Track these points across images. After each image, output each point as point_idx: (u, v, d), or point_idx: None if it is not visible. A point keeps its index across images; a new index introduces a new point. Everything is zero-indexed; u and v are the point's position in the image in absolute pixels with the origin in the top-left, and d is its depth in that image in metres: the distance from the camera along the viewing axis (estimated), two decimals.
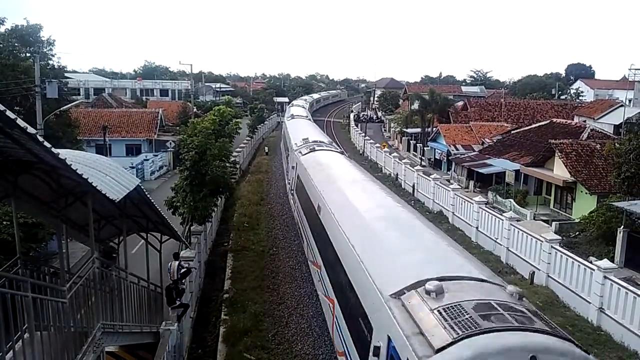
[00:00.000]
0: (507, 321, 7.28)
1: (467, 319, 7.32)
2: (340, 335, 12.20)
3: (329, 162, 23.34)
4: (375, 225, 12.88)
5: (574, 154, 31.33)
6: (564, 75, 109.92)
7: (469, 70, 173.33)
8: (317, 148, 27.13)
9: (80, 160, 8.77)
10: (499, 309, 7.57)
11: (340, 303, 12.49)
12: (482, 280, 8.92)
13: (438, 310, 7.64)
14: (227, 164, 24.89)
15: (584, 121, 47.75)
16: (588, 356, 7.26)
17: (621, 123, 46.32)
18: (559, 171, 31.63)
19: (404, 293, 8.54)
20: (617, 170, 25.74)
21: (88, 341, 8.54)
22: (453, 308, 7.62)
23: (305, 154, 26.10)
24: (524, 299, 8.28)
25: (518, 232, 22.71)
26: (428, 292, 8.10)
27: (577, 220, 27.83)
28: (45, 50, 38.84)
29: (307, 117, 59.67)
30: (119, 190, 9.01)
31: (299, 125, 43.23)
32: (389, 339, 8.12)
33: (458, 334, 7.01)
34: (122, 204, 10.60)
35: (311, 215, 18.94)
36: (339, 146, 37.00)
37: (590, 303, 17.43)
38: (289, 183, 29.62)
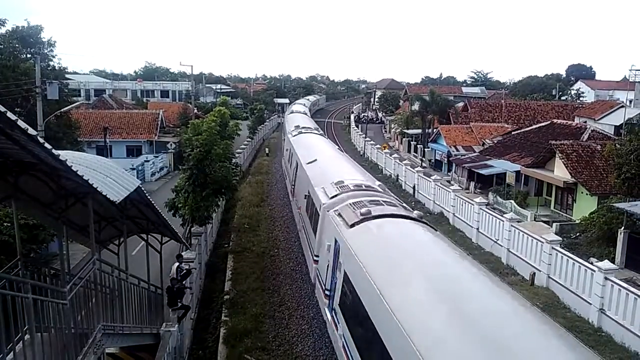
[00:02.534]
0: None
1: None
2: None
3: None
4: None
5: (574, 155, 31.31)
6: (564, 76, 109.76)
7: (470, 71, 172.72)
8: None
9: (80, 161, 8.77)
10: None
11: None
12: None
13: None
14: (230, 165, 24.86)
15: (585, 122, 47.73)
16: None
17: (622, 124, 46.29)
18: (560, 172, 31.61)
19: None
20: (617, 171, 25.72)
21: (88, 342, 8.54)
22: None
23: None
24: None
25: (519, 233, 22.69)
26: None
27: (577, 221, 27.80)
28: (45, 51, 38.87)
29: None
30: (120, 191, 9.02)
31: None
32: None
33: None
34: (123, 206, 10.61)
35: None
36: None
37: (590, 304, 17.41)
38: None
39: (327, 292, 13.91)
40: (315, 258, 16.49)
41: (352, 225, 12.79)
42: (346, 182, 16.96)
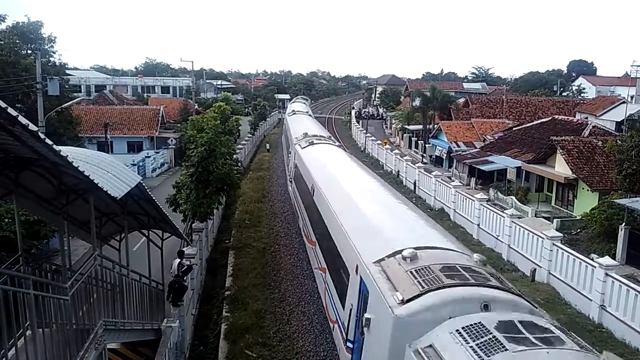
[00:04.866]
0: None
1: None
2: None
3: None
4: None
5: (575, 151, 31.27)
6: (565, 71, 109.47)
7: (471, 67, 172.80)
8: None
9: (81, 157, 8.76)
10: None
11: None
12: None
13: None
14: (232, 162, 24.85)
15: (586, 118, 47.65)
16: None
17: (623, 120, 46.22)
18: (561, 168, 31.58)
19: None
20: (618, 167, 25.68)
21: (90, 338, 8.55)
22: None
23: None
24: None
25: (519, 229, 22.69)
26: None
27: (578, 218, 27.80)
28: (46, 47, 38.86)
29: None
30: (121, 187, 9.02)
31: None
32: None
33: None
34: (124, 201, 10.61)
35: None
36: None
37: (591, 300, 17.42)
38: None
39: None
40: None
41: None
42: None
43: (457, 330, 7.23)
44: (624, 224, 22.40)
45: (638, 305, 15.41)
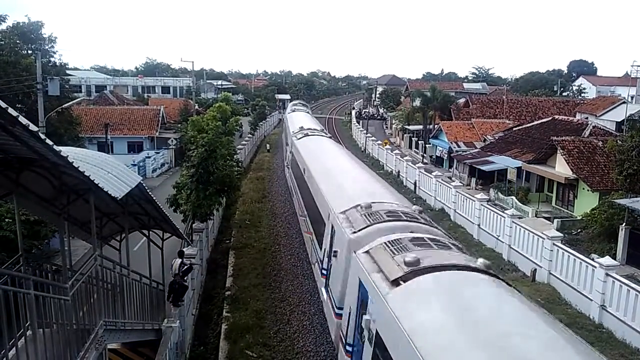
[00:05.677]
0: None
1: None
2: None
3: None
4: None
5: (576, 151, 31.26)
6: (566, 72, 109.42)
7: (471, 67, 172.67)
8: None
9: (82, 157, 8.77)
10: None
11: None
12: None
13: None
14: (233, 162, 24.83)
15: (586, 118, 47.63)
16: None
17: (623, 120, 46.19)
18: (561, 168, 31.57)
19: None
20: (619, 167, 25.67)
21: (90, 338, 8.56)
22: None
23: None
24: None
25: (520, 229, 22.68)
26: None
27: (579, 218, 27.78)
28: (46, 47, 38.85)
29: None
30: (121, 187, 9.02)
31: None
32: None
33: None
34: (124, 202, 10.61)
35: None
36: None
37: (592, 300, 17.41)
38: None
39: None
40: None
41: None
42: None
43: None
44: (624, 224, 22.39)
45: (638, 306, 15.40)
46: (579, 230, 26.75)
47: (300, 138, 31.39)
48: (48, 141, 5.99)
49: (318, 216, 17.04)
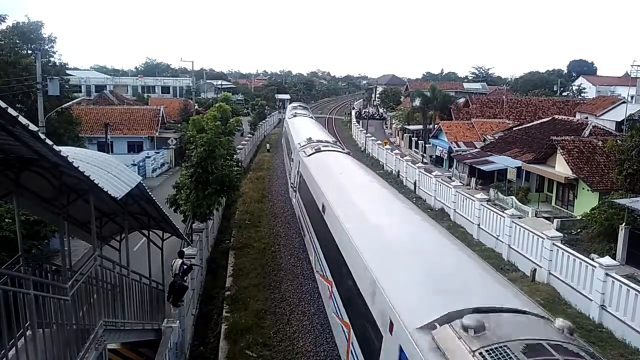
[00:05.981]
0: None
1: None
2: None
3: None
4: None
5: (575, 151, 31.26)
6: (565, 71, 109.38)
7: (471, 67, 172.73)
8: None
9: (82, 157, 8.76)
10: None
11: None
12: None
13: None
14: (232, 162, 24.82)
15: (586, 118, 47.63)
16: None
17: (623, 120, 46.21)
18: (561, 168, 31.57)
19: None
20: (619, 167, 25.67)
21: (90, 338, 8.56)
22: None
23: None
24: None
25: (520, 229, 22.68)
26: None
27: (578, 218, 27.78)
28: (46, 47, 38.85)
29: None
30: (121, 187, 9.02)
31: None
32: None
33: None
34: (124, 202, 10.61)
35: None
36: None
37: (591, 300, 17.41)
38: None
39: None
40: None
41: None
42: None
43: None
44: (624, 223, 22.38)
45: (638, 306, 15.40)
46: (579, 230, 26.74)
47: (311, 155, 25.17)
48: (48, 141, 5.98)
49: (363, 309, 10.11)
